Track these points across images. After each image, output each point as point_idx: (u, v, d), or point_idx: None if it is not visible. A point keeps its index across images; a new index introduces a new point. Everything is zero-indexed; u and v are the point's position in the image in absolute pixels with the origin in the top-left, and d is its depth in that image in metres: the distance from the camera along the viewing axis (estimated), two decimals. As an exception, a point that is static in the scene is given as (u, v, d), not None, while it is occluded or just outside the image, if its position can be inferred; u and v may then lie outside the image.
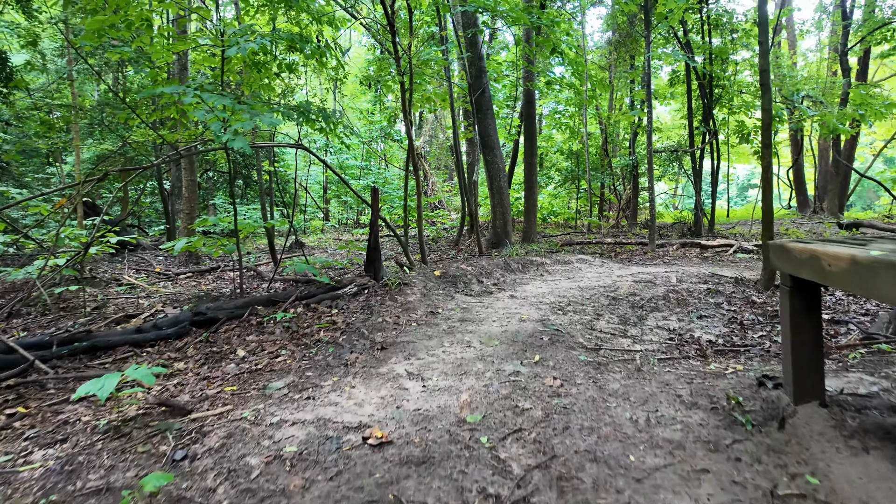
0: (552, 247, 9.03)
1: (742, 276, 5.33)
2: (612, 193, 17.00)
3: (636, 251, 7.84)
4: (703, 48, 10.79)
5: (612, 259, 6.96)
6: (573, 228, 15.90)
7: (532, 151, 9.65)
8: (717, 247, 8.41)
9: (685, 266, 6.60)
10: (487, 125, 8.65)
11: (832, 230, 11.83)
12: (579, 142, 16.23)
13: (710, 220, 11.53)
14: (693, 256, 7.55)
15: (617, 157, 16.38)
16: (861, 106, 9.25)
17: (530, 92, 9.57)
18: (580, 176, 15.90)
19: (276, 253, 6.94)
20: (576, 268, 5.79)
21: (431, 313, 3.95)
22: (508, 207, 8.85)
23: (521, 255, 6.46)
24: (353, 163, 21.25)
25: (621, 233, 12.95)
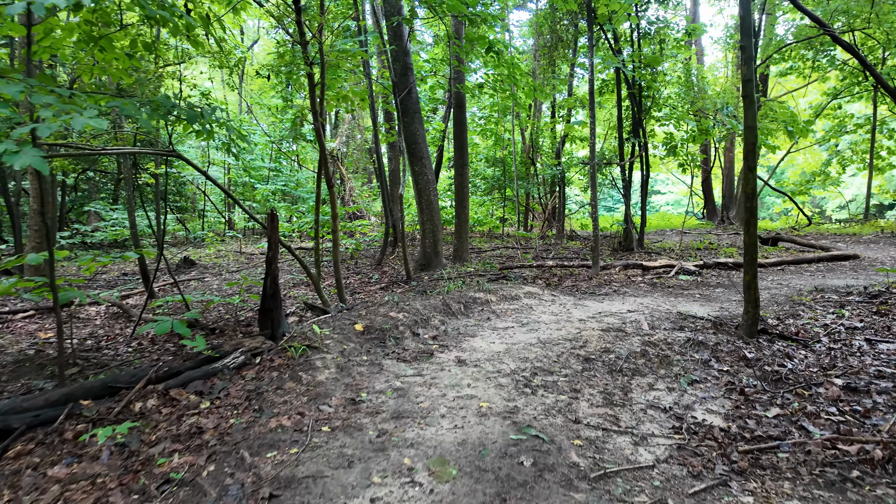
0: (487, 267, 8.10)
1: (717, 316, 4.64)
2: (536, 203, 16.57)
3: (580, 275, 7.10)
4: (633, 56, 10.43)
5: (558, 289, 6.12)
6: (499, 239, 15.23)
7: (463, 161, 8.68)
8: (660, 268, 7.91)
9: (639, 296, 5.90)
10: (415, 131, 7.55)
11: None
12: (503, 148, 15.61)
13: (640, 233, 11.23)
14: (640, 281, 6.93)
15: (540, 165, 15.95)
16: (790, 123, 9.32)
17: (460, 95, 8.60)
18: (506, 184, 15.27)
19: (172, 273, 5.36)
20: (526, 306, 4.84)
21: (352, 403, 2.78)
22: (440, 224, 7.80)
23: (459, 288, 5.41)
24: (262, 164, 19.27)
25: (551, 246, 12.39)
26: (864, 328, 4.26)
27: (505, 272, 7.17)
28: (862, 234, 12.56)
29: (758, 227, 17.48)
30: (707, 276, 7.75)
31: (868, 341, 3.97)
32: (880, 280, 6.79)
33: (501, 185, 15.59)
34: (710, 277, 7.59)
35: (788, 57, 19.14)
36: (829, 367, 3.46)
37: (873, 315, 4.59)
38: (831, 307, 4.98)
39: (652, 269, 7.88)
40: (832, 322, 4.45)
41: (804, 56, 18.89)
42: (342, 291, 5.00)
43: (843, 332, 4.21)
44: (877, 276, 7.19)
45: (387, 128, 10.09)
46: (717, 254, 10.04)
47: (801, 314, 4.79)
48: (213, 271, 9.55)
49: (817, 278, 7.34)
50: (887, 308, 4.71)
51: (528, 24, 16.18)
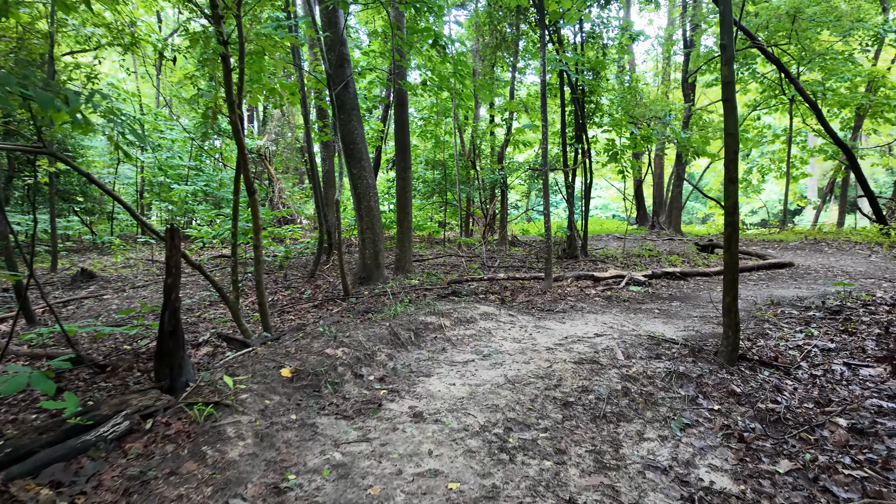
0: (434, 280, 7.48)
1: (686, 337, 4.27)
2: (477, 207, 16.18)
3: (533, 289, 6.64)
4: (576, 59, 10.21)
5: (514, 306, 5.60)
6: (441, 245, 14.68)
7: (405, 164, 8.01)
8: (610, 279, 7.62)
9: (598, 312, 5.50)
10: (353, 129, 6.80)
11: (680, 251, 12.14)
12: (442, 151, 15.10)
13: (584, 240, 11.04)
14: (594, 295, 6.57)
15: (481, 169, 15.56)
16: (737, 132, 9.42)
17: (402, 93, 7.93)
18: (447, 188, 14.75)
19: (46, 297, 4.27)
20: (484, 330, 4.26)
21: (275, 493, 2.05)
22: (381, 233, 7.09)
23: (406, 309, 4.75)
24: (180, 162, 17.63)
25: (496, 253, 11.98)
26: (838, 349, 4.04)
27: (454, 287, 6.57)
28: (788, 240, 13.12)
29: (690, 233, 17.98)
30: (657, 286, 7.55)
31: (848, 366, 3.72)
32: (824, 291, 6.83)
33: (442, 188, 15.05)
34: (660, 288, 7.39)
35: (714, 69, 19.99)
36: (824, 403, 3.12)
37: (842, 333, 4.40)
38: (796, 324, 4.78)
39: (602, 280, 7.58)
40: (804, 343, 4.20)
41: (728, 69, 19.72)
42: (266, 318, 4.18)
43: (819, 354, 3.95)
44: (817, 286, 7.26)
45: (320, 125, 9.23)
46: (661, 262, 9.99)
47: (770, 333, 4.54)
48: (115, 286, 8.27)
49: (763, 288, 7.31)
50: (854, 326, 4.54)
51: (467, 26, 15.78)
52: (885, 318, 4.61)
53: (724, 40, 3.59)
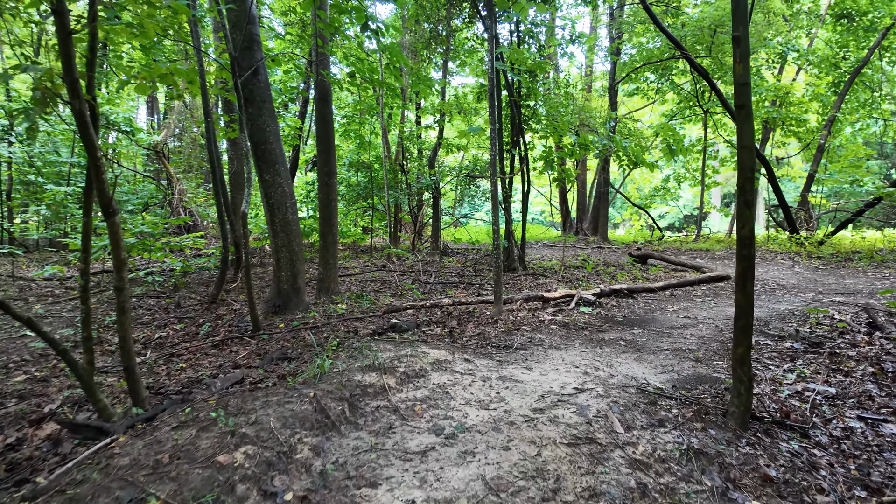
0: (366, 305, 6.41)
1: (668, 379, 3.57)
2: (407, 214, 15.19)
3: (482, 316, 5.78)
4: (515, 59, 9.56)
5: (468, 345, 4.69)
6: (367, 253, 13.55)
7: (330, 168, 6.87)
8: (559, 299, 6.97)
9: (560, 347, 4.74)
10: (264, 126, 5.58)
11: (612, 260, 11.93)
12: (368, 153, 13.98)
13: (522, 250, 10.43)
14: (548, 320, 5.83)
15: (409, 173, 14.62)
16: (671, 141, 9.19)
17: (325, 86, 6.78)
18: (373, 193, 13.64)
19: None
20: (439, 390, 3.31)
21: None
22: (301, 252, 5.92)
23: (338, 366, 3.68)
24: (59, 158, 15.06)
25: (428, 264, 11.07)
26: (843, 396, 3.53)
27: (392, 317, 5.56)
28: (713, 249, 13.36)
29: (616, 241, 18.14)
30: (607, 306, 7.00)
31: (865, 421, 3.19)
32: (775, 310, 6.58)
33: (368, 193, 13.90)
34: (611, 309, 6.84)
35: (634, 79, 20.44)
36: (874, 488, 2.50)
37: (835, 373, 3.93)
38: (780, 360, 4.28)
39: (552, 301, 6.90)
40: (803, 389, 3.66)
41: (648, 78, 20.29)
42: (137, 385, 2.97)
43: (824, 403, 3.41)
44: (767, 304, 7.04)
45: (227, 120, 7.82)
46: (602, 275, 9.57)
47: (758, 374, 3.98)
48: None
49: (714, 307, 6.97)
50: (843, 362, 4.10)
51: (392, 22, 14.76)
52: (870, 351, 4.22)
53: (738, 31, 2.92)
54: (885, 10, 18.03)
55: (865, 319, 5.38)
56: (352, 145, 15.38)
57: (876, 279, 8.91)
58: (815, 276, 9.64)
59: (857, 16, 18.31)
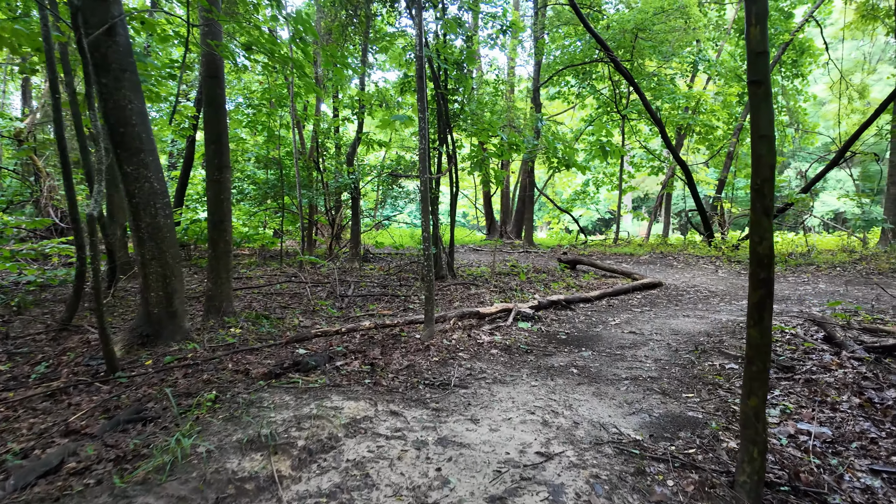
0: (264, 331, 5.23)
1: (652, 433, 2.83)
2: (323, 215, 13.89)
3: (411, 342, 4.82)
4: (443, 48, 8.74)
5: (393, 386, 3.71)
6: (277, 260, 12.12)
7: (222, 162, 5.61)
8: (496, 314, 6.18)
9: (506, 380, 3.91)
10: (125, 103, 4.27)
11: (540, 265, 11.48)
12: (278, 147, 12.57)
13: (451, 256, 9.61)
14: (487, 343, 5.00)
15: (326, 171, 13.36)
16: (607, 144, 8.78)
17: (215, 60, 5.52)
18: (284, 192, 12.24)
19: None
20: (354, 468, 2.34)
21: None
22: (177, 264, 4.64)
23: (206, 444, 2.58)
24: None
25: (347, 272, 9.94)
26: (841, 440, 2.97)
27: (296, 351, 4.44)
28: (638, 254, 13.33)
29: (541, 244, 17.90)
30: (546, 320, 6.33)
31: (878, 475, 2.63)
32: (718, 321, 6.22)
33: (278, 192, 12.47)
34: (551, 324, 6.16)
35: (556, 83, 20.44)
36: None
37: (817, 404, 3.41)
38: (755, 390, 3.73)
39: (488, 317, 6.10)
40: (795, 431, 3.07)
41: (569, 83, 20.36)
42: None
43: (828, 454, 2.83)
44: (707, 314, 6.70)
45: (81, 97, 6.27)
46: (534, 284, 8.97)
47: (737, 409, 3.37)
48: None
49: (655, 318, 6.51)
50: (819, 388, 3.61)
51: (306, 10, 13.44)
52: (846, 377, 3.77)
53: (757, 24, 2.21)
54: (781, 26, 19.22)
55: (821, 334, 5.05)
56: (260, 139, 13.85)
57: (797, 284, 9.02)
58: (739, 281, 9.65)
59: (757, 32, 19.35)
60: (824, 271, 10.08)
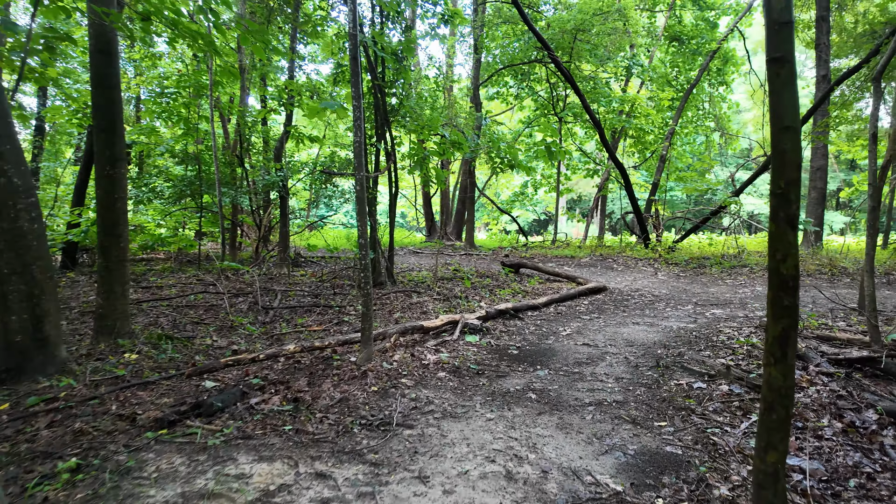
0: (164, 357, 4.37)
1: (635, 481, 2.38)
2: (249, 216, 12.78)
3: (344, 367, 4.14)
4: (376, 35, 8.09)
5: (319, 431, 3.04)
6: (196, 265, 10.96)
7: (114, 154, 4.67)
8: (441, 328, 5.63)
9: (459, 417, 3.35)
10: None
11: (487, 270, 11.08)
12: (199, 142, 11.40)
13: (390, 261, 8.96)
14: (432, 364, 4.42)
15: (252, 167, 12.31)
16: (552, 144, 8.43)
17: (105, 33, 4.59)
18: (203, 190, 11.09)
19: None
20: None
21: None
22: (46, 280, 3.71)
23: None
24: None
25: (274, 278, 9.04)
26: (836, 477, 2.64)
27: (203, 387, 3.66)
28: (578, 256, 13.24)
29: (483, 246, 17.55)
30: (496, 332, 5.85)
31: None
32: (669, 328, 5.99)
33: (196, 189, 11.28)
34: (501, 337, 5.69)
35: (495, 83, 20.23)
36: None
37: (800, 432, 3.10)
38: (731, 416, 3.38)
39: (433, 331, 5.53)
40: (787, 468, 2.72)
41: (508, 83, 20.21)
42: None
43: (828, 499, 2.48)
44: (655, 320, 6.48)
45: None
46: (477, 286, 8.51)
47: (716, 442, 3.00)
48: None
49: (604, 326, 6.21)
50: (798, 412, 3.32)
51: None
52: (821, 396, 3.52)
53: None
54: (708, 35, 19.98)
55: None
56: (177, 131, 12.56)
57: (736, 287, 9.12)
58: (680, 284, 9.67)
59: (686, 39, 20.06)
60: (758, 273, 10.33)
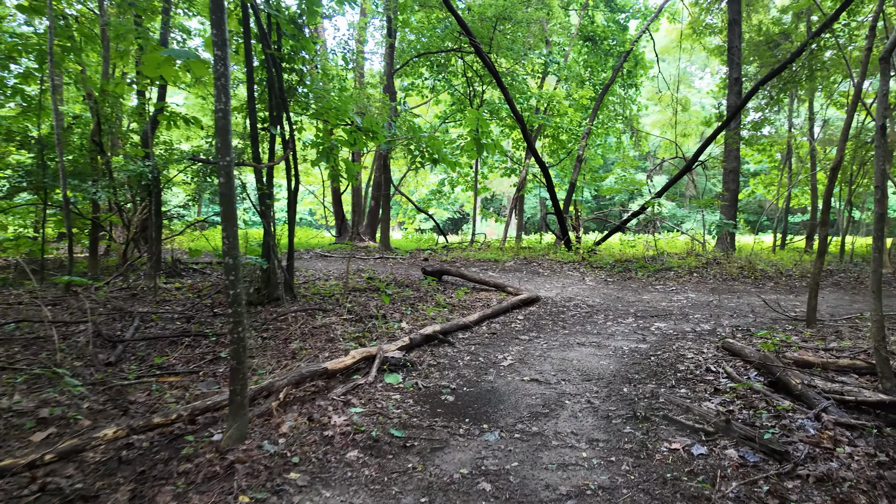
0: None
1: None
2: (114, 214, 10.49)
3: (202, 457, 2.71)
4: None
5: None
6: (38, 275, 8.65)
7: None
8: (352, 367, 4.32)
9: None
10: None
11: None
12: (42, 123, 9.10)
13: (289, 271, 7.45)
14: (339, 429, 3.13)
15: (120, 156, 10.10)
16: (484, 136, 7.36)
17: None
18: (46, 182, 8.80)
19: None
20: None
21: None
22: None
23: None
24: None
25: (138, 296, 7.17)
26: None
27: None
28: (502, 260, 12.38)
29: (399, 248, 16.24)
30: (423, 367, 4.66)
31: None
32: (627, 349, 5.14)
33: (39, 182, 8.93)
34: (430, 373, 4.52)
35: (411, 74, 19.01)
36: None
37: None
38: (766, 498, 2.44)
39: (339, 374, 4.21)
40: None
41: (423, 75, 19.09)
42: None
43: None
44: (600, 339, 5.62)
45: None
46: (396, 300, 7.25)
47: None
48: None
49: (546, 350, 5.24)
50: (844, 495, 2.45)
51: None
52: (857, 463, 2.70)
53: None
54: (619, 37, 20.12)
55: (753, 373, 4.13)
56: (11, 108, 10.06)
57: (668, 293, 8.65)
58: (610, 290, 9.06)
59: (598, 40, 20.08)
60: (684, 277, 10.03)
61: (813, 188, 16.31)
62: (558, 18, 15.32)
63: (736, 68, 12.36)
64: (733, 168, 12.61)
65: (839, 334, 5.65)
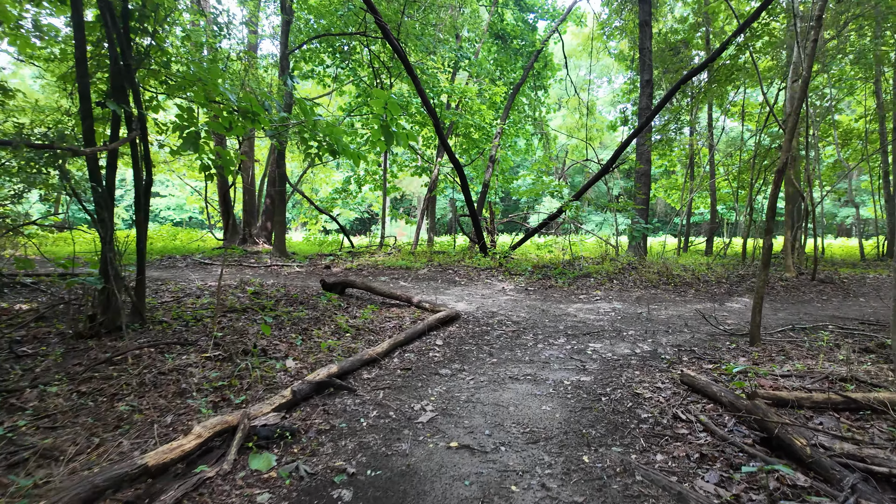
0: None
1: None
2: None
3: None
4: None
5: None
6: None
7: None
8: (196, 449, 2.91)
9: None
10: None
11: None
12: None
13: (139, 290, 5.72)
14: None
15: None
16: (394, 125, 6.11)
17: None
18: None
19: None
20: None
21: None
22: None
23: None
24: None
25: None
26: None
27: None
28: (415, 267, 11.20)
29: (297, 253, 14.45)
30: (311, 434, 3.36)
31: None
32: (569, 382, 4.18)
33: None
34: (320, 445, 3.23)
35: (310, 60, 17.30)
36: None
37: None
38: None
39: (176, 467, 2.78)
40: None
41: (324, 61, 17.48)
42: None
43: None
44: (547, 374, 4.64)
45: None
46: (284, 325, 5.81)
47: None
48: None
49: (473, 390, 4.16)
50: None
51: None
52: None
53: None
54: (529, 37, 19.79)
55: (741, 429, 3.30)
56: None
57: (594, 302, 7.97)
58: (533, 302, 8.23)
59: (509, 38, 19.61)
60: (605, 285, 9.49)
61: (712, 193, 17.01)
62: (470, 5, 14.46)
63: (647, 70, 12.23)
64: (645, 171, 12.48)
65: (786, 353, 5.14)
